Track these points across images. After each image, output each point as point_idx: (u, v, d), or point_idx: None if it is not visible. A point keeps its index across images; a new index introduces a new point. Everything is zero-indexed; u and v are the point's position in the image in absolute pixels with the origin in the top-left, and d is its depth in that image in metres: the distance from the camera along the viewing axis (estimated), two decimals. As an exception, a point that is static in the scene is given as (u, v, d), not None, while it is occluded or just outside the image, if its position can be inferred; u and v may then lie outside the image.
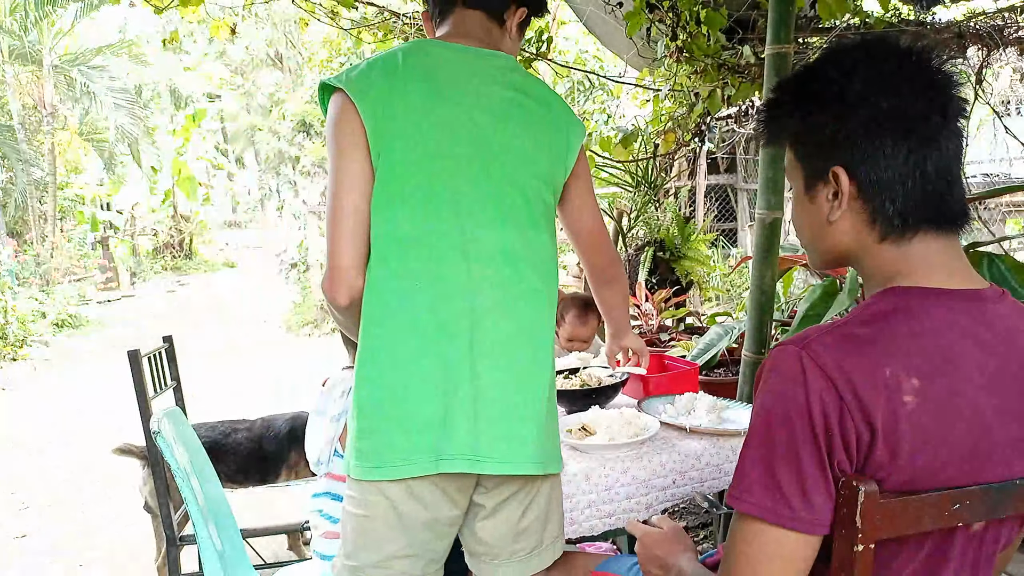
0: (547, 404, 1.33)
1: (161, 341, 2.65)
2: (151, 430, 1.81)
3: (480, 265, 1.27)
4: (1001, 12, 3.21)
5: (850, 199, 0.95)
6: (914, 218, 0.93)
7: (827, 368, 0.86)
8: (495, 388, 1.26)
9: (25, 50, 12.72)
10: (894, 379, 0.85)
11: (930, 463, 0.86)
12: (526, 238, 1.32)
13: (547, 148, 1.36)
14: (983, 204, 5.10)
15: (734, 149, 8.44)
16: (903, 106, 0.91)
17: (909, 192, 0.92)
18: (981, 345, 0.90)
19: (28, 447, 5.51)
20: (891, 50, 0.94)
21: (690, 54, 3.30)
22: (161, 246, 17.91)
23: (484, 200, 1.29)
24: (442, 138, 1.28)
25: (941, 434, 0.86)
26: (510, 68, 1.37)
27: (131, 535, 3.71)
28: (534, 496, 1.35)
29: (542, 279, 1.34)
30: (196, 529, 1.78)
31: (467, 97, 1.30)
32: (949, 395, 0.86)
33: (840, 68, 0.94)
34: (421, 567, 1.31)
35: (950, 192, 0.93)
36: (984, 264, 2.03)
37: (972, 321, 0.91)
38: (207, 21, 3.67)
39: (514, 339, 1.29)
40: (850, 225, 0.96)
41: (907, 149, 0.91)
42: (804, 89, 0.98)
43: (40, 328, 9.68)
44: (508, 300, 1.29)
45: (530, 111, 1.35)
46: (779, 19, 2.30)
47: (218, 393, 6.39)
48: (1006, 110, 5.64)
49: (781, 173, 2.39)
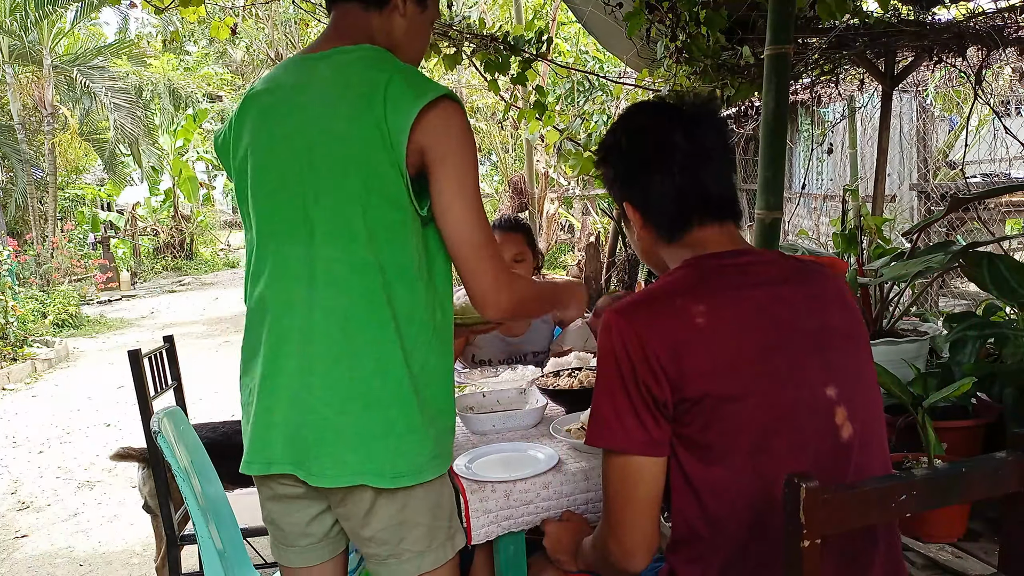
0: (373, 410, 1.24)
1: (161, 341, 2.65)
2: (151, 430, 1.81)
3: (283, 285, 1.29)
4: (1001, 12, 3.21)
5: (641, 225, 1.25)
6: (684, 223, 1.20)
7: (630, 322, 1.11)
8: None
9: (25, 50, 12.71)
10: (683, 307, 1.11)
11: (730, 358, 1.09)
12: (335, 250, 1.23)
13: (362, 143, 1.21)
14: (983, 204, 5.10)
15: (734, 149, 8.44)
16: (660, 147, 1.19)
17: (671, 208, 1.20)
18: (752, 283, 1.15)
19: (28, 447, 5.51)
20: (642, 108, 1.29)
21: (690, 55, 3.30)
22: (162, 246, 17.92)
23: (295, 219, 1.26)
24: (263, 163, 1.30)
25: (735, 338, 1.10)
26: (349, 63, 1.25)
27: (131, 535, 3.71)
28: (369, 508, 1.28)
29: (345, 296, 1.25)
30: (196, 529, 1.78)
31: (287, 118, 1.27)
32: (736, 311, 1.11)
33: (613, 130, 1.27)
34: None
35: (712, 196, 1.20)
36: (984, 264, 2.03)
37: (747, 267, 1.17)
38: (207, 21, 3.67)
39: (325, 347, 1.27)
40: (650, 240, 1.26)
41: (670, 179, 1.19)
42: (599, 147, 1.31)
43: (40, 328, 9.68)
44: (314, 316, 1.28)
45: (344, 108, 1.22)
46: (779, 20, 2.30)
47: (219, 393, 6.40)
48: (1006, 110, 5.64)
49: (780, 173, 2.39)
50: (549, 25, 8.11)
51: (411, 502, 1.26)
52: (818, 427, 1.10)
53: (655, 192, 1.20)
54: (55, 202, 13.26)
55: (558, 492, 1.55)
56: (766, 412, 1.08)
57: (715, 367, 1.08)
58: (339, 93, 1.23)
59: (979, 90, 3.51)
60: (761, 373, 1.09)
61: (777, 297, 1.14)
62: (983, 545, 1.60)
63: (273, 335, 1.28)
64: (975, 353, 2.00)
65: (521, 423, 1.88)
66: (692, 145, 1.18)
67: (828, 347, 1.14)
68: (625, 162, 1.24)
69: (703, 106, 1.23)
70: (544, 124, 3.88)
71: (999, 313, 2.33)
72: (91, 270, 13.39)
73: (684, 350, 1.08)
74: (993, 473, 1.03)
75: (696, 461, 1.11)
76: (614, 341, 1.11)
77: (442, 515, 1.32)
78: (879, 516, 0.97)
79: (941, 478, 1.01)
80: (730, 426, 1.08)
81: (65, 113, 13.95)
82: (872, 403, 1.18)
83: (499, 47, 3.52)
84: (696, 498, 1.11)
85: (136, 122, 14.47)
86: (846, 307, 1.20)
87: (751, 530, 1.09)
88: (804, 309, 1.15)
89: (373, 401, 1.23)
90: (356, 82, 1.23)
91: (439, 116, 1.21)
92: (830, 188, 7.59)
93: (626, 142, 1.24)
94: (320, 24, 3.84)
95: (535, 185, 10.37)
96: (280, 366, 1.27)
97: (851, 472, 1.12)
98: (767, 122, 2.36)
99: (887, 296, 2.35)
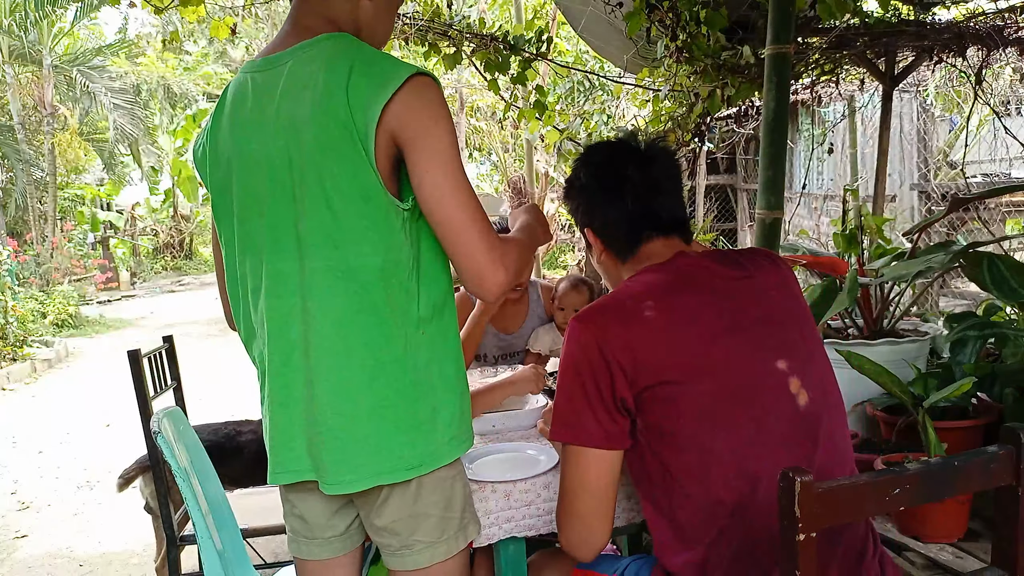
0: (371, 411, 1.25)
1: (161, 341, 2.65)
2: (151, 430, 1.81)
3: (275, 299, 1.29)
4: (1001, 12, 3.21)
5: (601, 250, 1.40)
6: (634, 241, 1.35)
7: (587, 326, 1.22)
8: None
9: (25, 50, 12.70)
10: (633, 307, 1.21)
11: (681, 344, 1.19)
12: (321, 259, 1.22)
13: (331, 144, 1.17)
14: (983, 204, 5.10)
15: (734, 149, 8.44)
16: (610, 179, 1.35)
17: (624, 229, 1.35)
18: (697, 279, 1.27)
19: (28, 447, 5.51)
20: (600, 147, 1.42)
21: (690, 54, 3.29)
22: (161, 246, 17.92)
23: (284, 233, 1.24)
24: (244, 179, 1.29)
25: (683, 327, 1.20)
26: (310, 59, 1.21)
27: (131, 535, 3.71)
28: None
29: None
30: (196, 529, 1.78)
31: (260, 129, 1.25)
32: (683, 302, 1.23)
33: (575, 166, 1.42)
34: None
35: (660, 217, 1.34)
36: (984, 264, 2.02)
37: (688, 270, 1.28)
38: (207, 21, 3.66)
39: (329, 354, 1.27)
40: (609, 263, 1.41)
41: (624, 206, 1.33)
42: (565, 182, 1.45)
43: (40, 328, 9.68)
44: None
45: (308, 110, 1.18)
46: (779, 19, 2.30)
47: (218, 393, 6.39)
48: (1006, 110, 5.64)
49: (781, 173, 2.39)
50: (549, 25, 8.10)
51: (423, 494, 1.28)
52: (775, 397, 1.20)
53: (610, 218, 1.36)
54: (55, 202, 13.26)
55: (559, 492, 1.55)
56: (722, 390, 1.17)
57: (667, 354, 1.18)
58: (303, 98, 1.19)
59: (979, 90, 3.51)
60: (712, 356, 1.19)
61: (720, 288, 1.25)
62: (983, 545, 1.60)
63: (277, 351, 1.28)
64: (975, 353, 2.00)
65: (521, 423, 1.88)
66: (644, 177, 1.33)
67: (774, 328, 1.25)
68: (585, 194, 1.39)
69: (654, 143, 1.38)
70: (544, 124, 3.88)
71: (999, 313, 2.33)
72: (91, 270, 13.38)
73: (637, 343, 1.18)
74: (985, 466, 1.05)
75: (668, 448, 1.19)
76: (574, 346, 1.23)
77: (454, 507, 1.32)
78: (874, 509, 1.00)
79: (934, 472, 1.03)
80: (690, 408, 1.17)
81: (65, 113, 13.95)
82: (824, 372, 1.28)
83: (499, 47, 3.52)
84: (674, 484, 1.19)
85: (136, 122, 14.47)
86: (790, 294, 1.31)
87: (732, 510, 1.16)
88: (748, 298, 1.26)
89: (378, 403, 1.23)
90: (316, 84, 1.18)
91: (407, 97, 1.15)
92: (830, 188, 7.59)
93: (585, 176, 1.39)
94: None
95: (535, 185, 10.36)
96: (286, 381, 1.28)
97: (822, 436, 1.21)
98: (767, 122, 2.36)
99: (887, 296, 2.35)
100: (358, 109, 1.15)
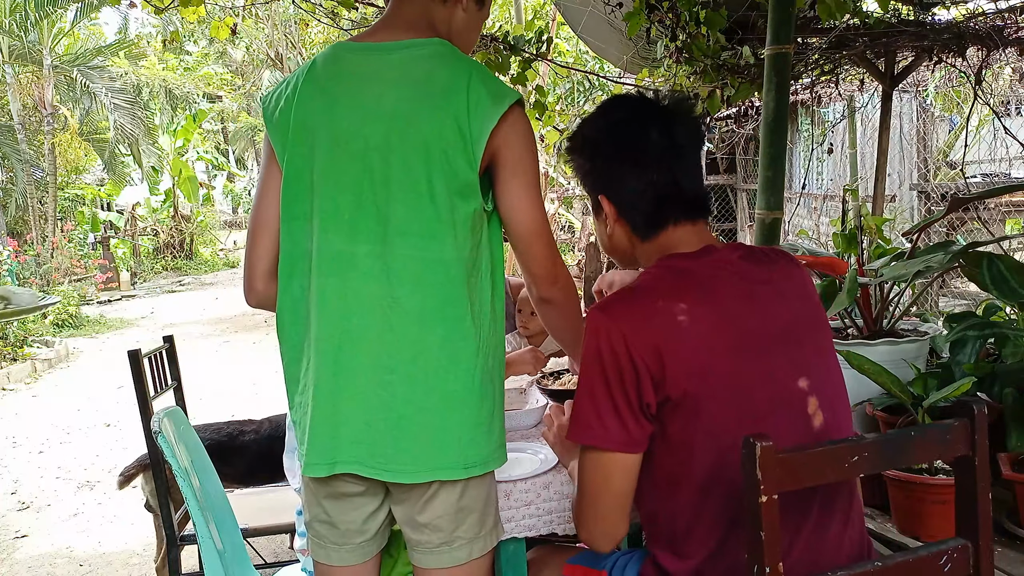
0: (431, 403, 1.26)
1: (161, 341, 2.65)
2: (152, 430, 1.81)
3: (362, 281, 1.26)
4: (1001, 13, 3.21)
5: (615, 219, 1.26)
6: (660, 223, 1.24)
7: (615, 321, 1.13)
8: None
9: (25, 50, 12.70)
10: (665, 309, 1.13)
11: (709, 358, 1.12)
12: (412, 247, 1.25)
13: (440, 140, 1.23)
14: (983, 204, 5.10)
15: (733, 149, 8.45)
16: (633, 142, 1.22)
17: (649, 205, 1.23)
18: (723, 283, 1.18)
19: (28, 447, 5.51)
20: (621, 102, 1.28)
21: (689, 55, 3.30)
22: (162, 246, 17.90)
23: (366, 215, 1.25)
24: (331, 155, 1.27)
25: (709, 338, 1.13)
26: (425, 57, 1.27)
27: (131, 535, 3.71)
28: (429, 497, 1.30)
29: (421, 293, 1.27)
30: (196, 529, 1.78)
31: (358, 110, 1.26)
32: (712, 311, 1.14)
33: (590, 121, 1.29)
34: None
35: (684, 193, 1.23)
36: (984, 264, 2.03)
37: (718, 265, 1.20)
38: (207, 21, 3.67)
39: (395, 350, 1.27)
40: (622, 235, 1.28)
41: (644, 173, 1.22)
42: (570, 139, 1.32)
43: (40, 328, 9.68)
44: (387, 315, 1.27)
45: (423, 104, 1.24)
46: (779, 19, 2.30)
47: (219, 393, 6.40)
48: (1006, 110, 5.64)
49: (780, 174, 2.39)
50: (549, 25, 8.10)
51: (469, 490, 1.30)
52: (792, 419, 1.15)
53: (630, 187, 1.24)
54: (55, 202, 13.26)
55: (559, 492, 1.55)
56: (744, 409, 1.12)
57: (694, 367, 1.12)
58: (419, 89, 1.25)
59: (979, 90, 3.51)
60: (735, 372, 1.13)
61: (747, 295, 1.18)
62: (983, 545, 1.60)
63: (338, 333, 1.26)
64: (975, 353, 2.00)
65: (521, 423, 1.88)
66: (667, 140, 1.22)
67: (796, 342, 1.19)
68: (601, 154, 1.26)
69: (679, 103, 1.26)
70: (544, 124, 3.88)
71: (999, 313, 2.33)
72: (91, 270, 13.38)
73: (666, 350, 1.11)
74: (942, 438, 1.09)
75: (678, 459, 1.15)
76: (600, 341, 1.14)
77: (492, 502, 1.36)
78: (833, 475, 1.04)
79: (893, 440, 1.08)
80: (710, 424, 1.12)
81: (65, 113, 13.95)
82: (838, 390, 1.24)
83: (499, 47, 3.52)
84: (679, 494, 1.16)
85: (136, 122, 14.46)
86: (808, 298, 1.25)
87: (730, 524, 1.13)
88: (772, 306, 1.19)
89: (450, 396, 1.25)
90: (436, 79, 1.25)
91: (513, 121, 1.26)
92: (830, 188, 7.59)
93: (603, 134, 1.26)
94: (320, 24, 3.84)
95: (535, 185, 10.33)
96: (348, 365, 1.26)
97: None
98: (767, 122, 2.36)
99: (887, 296, 2.35)
100: (476, 115, 1.23)
